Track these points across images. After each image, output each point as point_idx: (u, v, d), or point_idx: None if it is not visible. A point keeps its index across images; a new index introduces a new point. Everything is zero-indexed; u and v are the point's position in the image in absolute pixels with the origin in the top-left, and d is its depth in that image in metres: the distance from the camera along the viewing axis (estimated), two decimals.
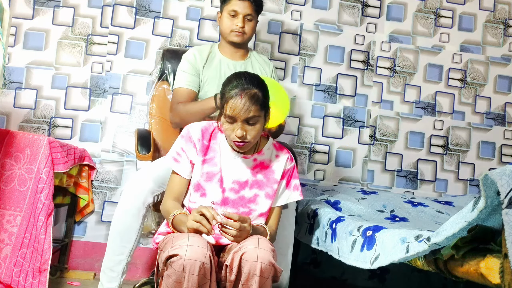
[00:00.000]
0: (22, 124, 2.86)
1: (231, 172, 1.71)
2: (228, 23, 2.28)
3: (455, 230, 1.17)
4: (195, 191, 1.70)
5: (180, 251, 1.40)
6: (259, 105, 1.63)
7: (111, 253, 2.00)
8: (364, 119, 3.13)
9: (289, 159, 1.80)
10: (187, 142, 1.72)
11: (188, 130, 1.74)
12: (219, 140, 1.74)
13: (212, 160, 1.71)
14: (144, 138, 2.29)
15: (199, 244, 1.43)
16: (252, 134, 1.63)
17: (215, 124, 1.77)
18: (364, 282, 2.68)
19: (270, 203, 1.75)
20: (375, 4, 3.19)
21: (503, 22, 3.29)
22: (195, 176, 1.71)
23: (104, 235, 2.83)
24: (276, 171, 1.76)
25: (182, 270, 1.39)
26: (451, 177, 3.17)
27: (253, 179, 1.73)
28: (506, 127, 3.25)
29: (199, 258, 1.40)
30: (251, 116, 1.61)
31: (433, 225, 2.04)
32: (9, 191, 2.13)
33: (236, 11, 2.27)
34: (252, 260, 1.42)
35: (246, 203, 1.71)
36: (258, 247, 1.44)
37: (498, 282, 1.06)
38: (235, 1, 2.27)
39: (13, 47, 2.88)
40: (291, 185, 1.80)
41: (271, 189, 1.74)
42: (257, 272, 1.41)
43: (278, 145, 1.83)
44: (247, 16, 2.28)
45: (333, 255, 1.89)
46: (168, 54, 2.64)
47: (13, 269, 2.08)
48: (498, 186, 1.03)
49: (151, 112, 2.55)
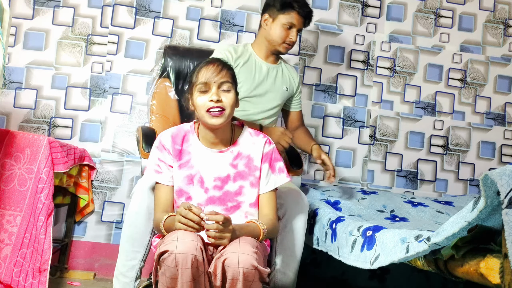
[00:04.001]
0: (22, 124, 2.86)
1: (211, 170, 1.70)
2: (282, 33, 2.27)
3: (455, 230, 1.17)
4: (179, 196, 1.70)
5: (171, 247, 1.40)
6: (231, 73, 1.66)
7: (124, 258, 1.96)
8: (364, 119, 3.13)
9: (267, 142, 1.76)
10: (162, 151, 1.71)
11: (159, 139, 1.74)
12: (191, 142, 1.72)
13: (188, 163, 1.70)
14: (149, 136, 2.25)
15: (189, 237, 1.42)
16: (227, 101, 1.62)
17: (185, 127, 1.76)
18: (364, 282, 2.68)
19: (256, 191, 1.72)
20: (375, 4, 3.19)
21: (503, 22, 3.29)
22: (176, 182, 1.70)
23: (104, 235, 2.84)
24: (255, 158, 1.73)
25: (174, 265, 1.38)
26: (451, 177, 3.17)
27: (235, 171, 1.71)
28: (506, 127, 3.25)
29: (190, 251, 1.39)
30: (225, 81, 1.62)
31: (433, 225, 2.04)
32: (9, 191, 2.13)
33: (293, 24, 2.26)
34: (233, 266, 1.40)
35: (232, 196, 1.70)
36: (238, 252, 1.42)
37: (498, 282, 1.06)
38: (295, 14, 2.26)
39: (13, 47, 2.88)
40: (276, 168, 1.75)
41: (253, 177, 1.72)
42: (240, 277, 1.40)
43: (254, 132, 1.79)
44: (299, 30, 2.30)
45: (333, 255, 1.88)
46: (169, 50, 2.63)
47: (13, 269, 2.08)
48: (498, 186, 1.03)
49: (152, 110, 2.54)
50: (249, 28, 3.06)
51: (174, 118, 2.53)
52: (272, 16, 2.29)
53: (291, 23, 2.26)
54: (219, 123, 1.63)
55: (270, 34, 2.29)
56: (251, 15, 3.07)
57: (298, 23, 2.27)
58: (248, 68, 2.29)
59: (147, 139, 2.24)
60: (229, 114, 1.65)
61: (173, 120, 2.53)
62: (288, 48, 2.31)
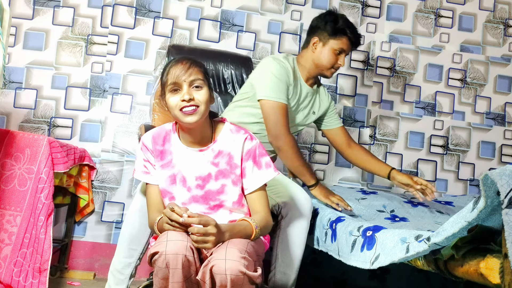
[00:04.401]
0: (22, 124, 2.86)
1: (192, 169, 1.68)
2: (332, 59, 2.25)
3: (455, 230, 1.17)
4: (164, 197, 1.70)
5: (161, 248, 1.39)
6: (202, 70, 1.63)
7: (121, 255, 1.97)
8: (364, 119, 3.13)
9: (248, 139, 1.71)
10: (145, 152, 1.71)
11: (142, 141, 1.73)
12: (172, 142, 1.71)
13: (170, 163, 1.70)
14: None
15: (178, 237, 1.42)
16: (201, 98, 1.59)
17: (166, 127, 1.75)
18: (364, 282, 2.68)
19: (239, 190, 1.69)
20: (375, 4, 3.19)
21: (503, 22, 3.29)
22: (160, 182, 1.70)
23: (104, 235, 2.84)
24: (235, 155, 1.69)
25: (165, 266, 1.38)
26: (451, 177, 3.17)
27: (216, 169, 1.68)
28: (506, 127, 3.25)
29: (180, 252, 1.38)
30: (195, 78, 1.59)
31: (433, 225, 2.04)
32: (9, 191, 2.13)
33: (343, 50, 2.25)
34: (221, 273, 1.38)
35: (214, 195, 1.68)
36: (225, 258, 1.39)
37: (498, 282, 1.06)
38: (346, 40, 2.25)
39: (13, 47, 2.88)
40: (262, 164, 1.70)
41: (234, 175, 1.68)
42: (228, 284, 1.38)
43: (235, 128, 1.74)
44: (347, 54, 2.30)
45: (333, 255, 1.88)
46: (173, 50, 2.63)
47: (13, 269, 2.08)
48: (498, 186, 1.03)
49: (154, 108, 2.53)
50: (249, 28, 3.06)
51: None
52: (323, 40, 2.26)
53: (341, 49, 2.24)
54: (194, 121, 1.60)
55: (320, 58, 2.27)
56: (251, 15, 3.07)
57: (348, 49, 2.27)
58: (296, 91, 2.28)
59: None
60: (204, 111, 1.61)
61: (174, 119, 2.53)
62: (334, 73, 2.31)
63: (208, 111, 1.67)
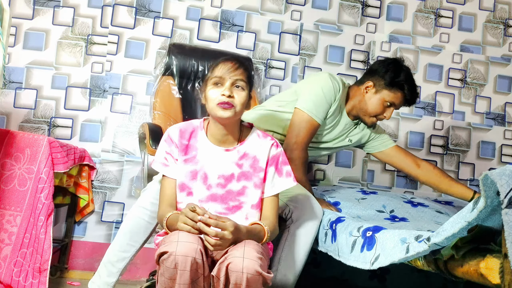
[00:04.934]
0: (22, 124, 2.86)
1: (215, 167, 1.69)
2: (379, 109, 2.19)
3: (455, 230, 1.17)
4: (181, 191, 1.69)
5: (171, 248, 1.39)
6: (247, 73, 1.67)
7: (117, 248, 1.96)
8: None
9: (274, 145, 1.75)
10: (170, 144, 1.72)
11: (168, 133, 1.74)
12: (199, 138, 1.73)
13: (194, 159, 1.70)
14: (156, 132, 2.23)
15: (190, 239, 1.42)
16: (239, 99, 1.62)
17: (194, 123, 1.76)
18: (364, 282, 2.68)
19: (259, 193, 1.71)
20: (375, 4, 3.19)
21: (503, 22, 3.29)
22: (179, 176, 1.70)
23: (104, 235, 2.84)
24: (260, 159, 1.72)
25: (174, 267, 1.38)
26: None
27: (240, 171, 1.70)
28: (506, 127, 3.25)
29: (190, 254, 1.39)
30: (239, 78, 1.63)
31: (433, 225, 2.04)
32: (9, 191, 2.13)
33: (394, 105, 2.19)
34: (237, 270, 1.39)
35: (234, 196, 1.69)
36: (243, 257, 1.41)
37: (498, 282, 1.06)
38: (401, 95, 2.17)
39: (13, 47, 2.88)
40: (283, 172, 1.75)
41: (258, 178, 1.71)
42: (243, 283, 1.39)
43: (262, 133, 1.79)
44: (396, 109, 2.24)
45: (333, 255, 1.88)
46: (174, 49, 2.63)
47: (13, 269, 2.08)
48: (498, 186, 1.03)
49: (154, 107, 2.53)
50: (249, 28, 3.06)
51: (176, 116, 2.53)
52: (377, 87, 2.18)
53: (393, 102, 2.17)
54: (227, 115, 1.63)
55: (367, 104, 2.20)
56: (251, 15, 3.07)
57: (399, 104, 2.20)
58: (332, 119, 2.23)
59: (154, 135, 2.20)
60: (239, 112, 1.65)
61: (174, 118, 2.53)
62: (374, 122, 2.25)
63: (241, 115, 1.70)
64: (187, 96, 2.61)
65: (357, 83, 2.29)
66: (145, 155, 2.25)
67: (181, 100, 2.58)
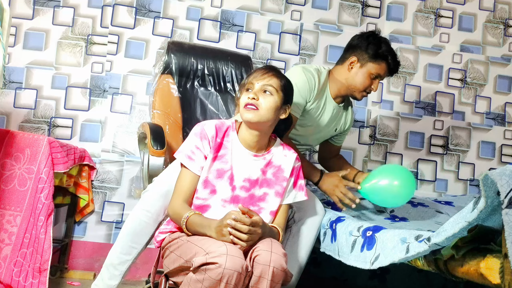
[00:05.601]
0: (22, 124, 2.86)
1: (243, 170, 1.72)
2: (367, 83, 2.18)
3: (455, 230, 1.17)
4: (204, 187, 1.69)
5: (220, 260, 1.38)
6: (280, 82, 1.70)
7: (119, 250, 1.94)
8: (364, 119, 3.13)
9: (297, 158, 1.82)
10: (203, 139, 1.70)
11: (202, 127, 1.73)
12: (231, 138, 1.74)
13: (223, 157, 1.71)
14: (157, 133, 2.19)
15: (238, 254, 1.42)
16: (265, 103, 1.65)
17: (227, 122, 1.78)
18: (364, 282, 2.68)
19: (279, 201, 1.75)
20: (375, 4, 3.19)
21: (503, 22, 3.29)
22: (204, 172, 1.69)
23: (104, 235, 2.84)
24: (285, 169, 1.78)
25: (219, 279, 1.37)
26: (451, 177, 3.17)
27: (263, 177, 1.75)
28: (506, 127, 3.25)
29: (237, 269, 1.39)
30: (269, 84, 1.67)
31: (433, 225, 2.04)
32: (9, 191, 2.13)
33: (380, 75, 2.19)
34: (264, 263, 1.42)
35: (256, 201, 1.72)
36: (271, 251, 1.44)
37: (498, 282, 1.06)
38: (385, 66, 2.18)
39: (13, 47, 2.88)
40: (298, 184, 1.82)
41: (280, 187, 1.76)
42: (268, 276, 1.41)
43: (286, 145, 1.85)
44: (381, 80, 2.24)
45: (333, 255, 1.88)
46: (173, 47, 2.61)
47: (13, 269, 2.08)
48: (498, 186, 1.03)
49: (153, 106, 2.52)
50: (249, 28, 3.06)
51: (176, 115, 2.52)
52: (361, 62, 2.18)
53: (378, 74, 2.18)
54: (250, 118, 1.65)
55: (354, 79, 2.19)
56: (251, 15, 3.07)
57: (384, 75, 2.21)
58: (316, 110, 2.22)
59: (155, 135, 2.17)
60: (264, 116, 1.66)
61: (174, 117, 2.52)
62: (365, 96, 2.25)
63: (271, 121, 1.71)
64: (187, 94, 2.61)
65: (339, 62, 2.28)
66: (145, 155, 2.24)
67: (180, 98, 2.57)
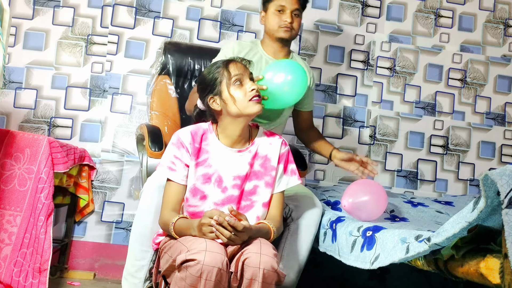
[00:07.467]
0: (22, 124, 2.86)
1: (230, 169, 1.70)
2: (276, 19, 2.22)
3: (455, 230, 1.17)
4: (194, 195, 1.68)
5: (198, 256, 1.38)
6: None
7: (133, 258, 1.92)
8: (364, 119, 3.13)
9: (283, 143, 1.79)
10: (180, 148, 1.69)
11: (177, 136, 1.72)
12: (210, 141, 1.72)
13: (206, 162, 1.70)
14: (155, 134, 2.20)
15: (217, 250, 1.42)
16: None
17: (202, 126, 1.76)
18: (364, 282, 2.68)
19: (270, 191, 1.73)
20: (375, 4, 3.19)
21: (503, 22, 3.29)
22: (190, 180, 1.69)
23: (104, 235, 2.84)
24: (272, 158, 1.75)
25: (199, 275, 1.37)
26: (451, 177, 3.17)
27: (251, 170, 1.72)
28: (506, 127, 3.25)
29: (217, 264, 1.39)
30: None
31: (433, 225, 2.04)
32: (9, 191, 2.13)
33: (284, 7, 2.21)
34: (254, 266, 1.41)
35: (247, 196, 1.71)
36: (260, 252, 1.43)
37: (498, 282, 1.06)
38: None
39: (13, 47, 2.88)
40: (288, 170, 1.78)
41: (270, 177, 1.73)
42: (259, 278, 1.40)
43: (269, 132, 1.81)
44: (294, 11, 2.23)
45: (333, 255, 1.88)
46: (170, 47, 2.61)
47: (13, 269, 2.08)
48: (498, 186, 1.03)
49: (151, 107, 2.52)
50: (249, 28, 3.06)
51: (174, 115, 2.52)
52: (264, 9, 2.27)
53: (281, 6, 2.21)
54: (260, 109, 1.68)
55: (267, 25, 2.26)
56: (251, 15, 3.07)
57: (289, 4, 2.22)
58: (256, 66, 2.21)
59: (153, 137, 2.17)
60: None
61: (172, 117, 2.52)
62: (288, 31, 2.22)
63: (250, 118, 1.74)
64: (184, 95, 2.60)
65: None
66: (143, 157, 2.23)
67: (178, 99, 2.57)
